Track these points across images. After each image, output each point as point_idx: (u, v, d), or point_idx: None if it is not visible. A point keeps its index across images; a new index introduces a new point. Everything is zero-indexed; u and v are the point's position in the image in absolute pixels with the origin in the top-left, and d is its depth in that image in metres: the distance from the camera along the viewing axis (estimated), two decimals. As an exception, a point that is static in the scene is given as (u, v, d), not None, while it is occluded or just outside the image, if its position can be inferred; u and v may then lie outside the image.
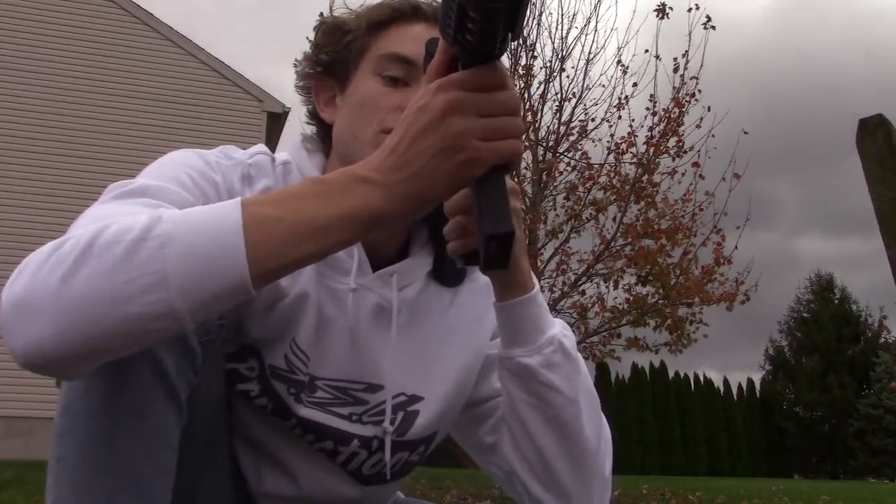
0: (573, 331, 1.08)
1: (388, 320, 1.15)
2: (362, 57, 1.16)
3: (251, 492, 1.16)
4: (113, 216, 0.85)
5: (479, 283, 1.23)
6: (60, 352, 0.79)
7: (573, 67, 9.72)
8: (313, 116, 1.23)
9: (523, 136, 0.85)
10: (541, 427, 1.10)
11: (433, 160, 0.83)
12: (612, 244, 9.16)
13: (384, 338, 1.14)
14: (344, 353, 1.13)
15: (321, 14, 1.24)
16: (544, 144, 9.12)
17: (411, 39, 1.14)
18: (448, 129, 0.83)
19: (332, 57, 1.19)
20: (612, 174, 9.26)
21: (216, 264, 0.80)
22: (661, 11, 9.30)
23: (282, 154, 1.20)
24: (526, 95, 9.06)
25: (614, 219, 9.22)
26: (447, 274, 1.20)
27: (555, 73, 9.33)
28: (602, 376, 23.58)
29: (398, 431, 1.17)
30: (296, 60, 1.24)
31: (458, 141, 0.83)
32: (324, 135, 1.21)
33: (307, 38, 1.25)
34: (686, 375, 26.16)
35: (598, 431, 1.13)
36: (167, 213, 0.83)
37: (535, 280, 1.11)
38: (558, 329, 1.11)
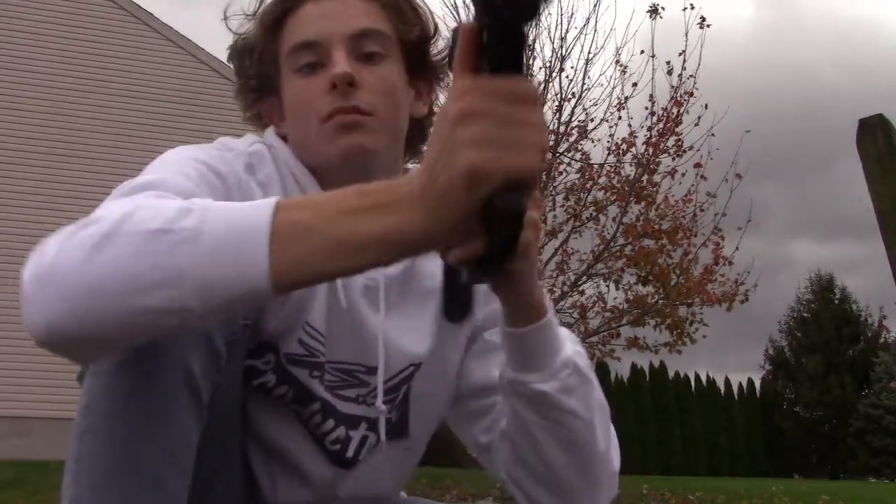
0: (573, 331, 1.04)
1: (378, 299, 1.14)
2: (277, 63, 1.16)
3: (263, 501, 1.14)
4: (140, 203, 0.82)
5: None
6: (73, 332, 0.79)
7: (572, 67, 9.75)
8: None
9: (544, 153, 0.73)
10: (553, 447, 1.06)
11: (445, 174, 0.72)
12: (612, 244, 9.17)
13: (378, 318, 1.14)
14: (345, 335, 1.13)
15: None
16: (544, 144, 9.11)
17: (307, 23, 1.13)
18: (455, 138, 0.71)
19: (257, 78, 1.18)
20: (612, 174, 9.28)
21: (236, 269, 0.76)
22: (654, 12, 9.39)
23: (267, 138, 1.18)
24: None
25: (614, 219, 9.24)
26: (450, 309, 1.03)
27: (554, 74, 9.35)
28: (602, 376, 23.52)
29: (401, 409, 1.17)
30: (235, 96, 1.23)
31: (461, 151, 0.71)
32: None
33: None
34: (686, 375, 26.10)
35: (608, 438, 1.10)
36: (199, 204, 0.80)
37: (548, 302, 1.05)
38: (570, 348, 1.07)
